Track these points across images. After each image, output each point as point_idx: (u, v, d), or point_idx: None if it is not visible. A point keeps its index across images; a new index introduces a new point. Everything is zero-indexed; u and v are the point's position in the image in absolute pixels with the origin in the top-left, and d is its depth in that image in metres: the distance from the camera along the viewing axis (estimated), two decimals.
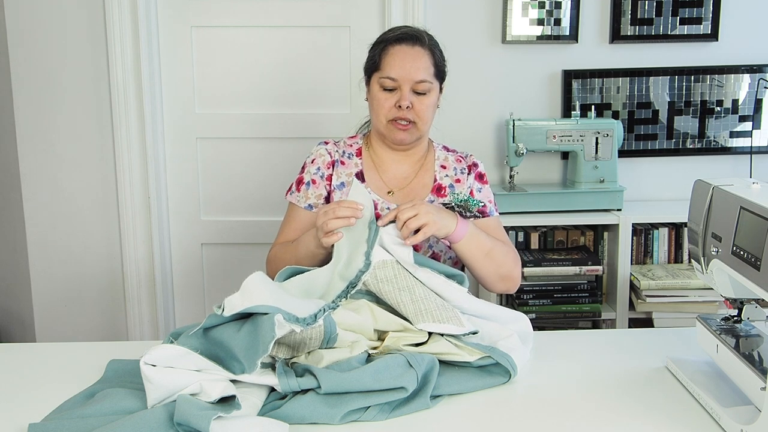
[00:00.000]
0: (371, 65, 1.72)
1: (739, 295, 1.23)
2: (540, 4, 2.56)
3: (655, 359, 1.35)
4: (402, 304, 1.31)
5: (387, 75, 1.66)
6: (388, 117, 1.68)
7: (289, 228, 1.74)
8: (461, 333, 1.28)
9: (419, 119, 1.68)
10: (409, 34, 1.68)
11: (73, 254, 2.67)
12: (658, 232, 2.53)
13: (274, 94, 2.65)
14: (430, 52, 1.69)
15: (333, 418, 1.10)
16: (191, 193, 2.71)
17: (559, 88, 2.64)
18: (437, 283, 1.38)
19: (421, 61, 1.66)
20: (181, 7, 2.58)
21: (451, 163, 1.78)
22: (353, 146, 1.79)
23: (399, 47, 1.67)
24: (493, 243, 1.60)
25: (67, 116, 2.59)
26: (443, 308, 1.32)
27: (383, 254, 1.39)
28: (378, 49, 1.70)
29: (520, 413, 1.16)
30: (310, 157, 1.78)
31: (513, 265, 1.64)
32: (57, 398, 1.19)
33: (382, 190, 1.74)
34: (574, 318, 2.42)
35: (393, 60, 1.66)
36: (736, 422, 1.06)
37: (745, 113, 2.66)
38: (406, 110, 1.66)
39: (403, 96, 1.65)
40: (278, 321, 1.14)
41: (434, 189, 1.74)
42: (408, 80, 1.65)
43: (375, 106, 1.70)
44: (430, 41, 1.71)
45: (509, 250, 1.65)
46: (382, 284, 1.34)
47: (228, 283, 2.70)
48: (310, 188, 1.74)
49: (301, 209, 1.74)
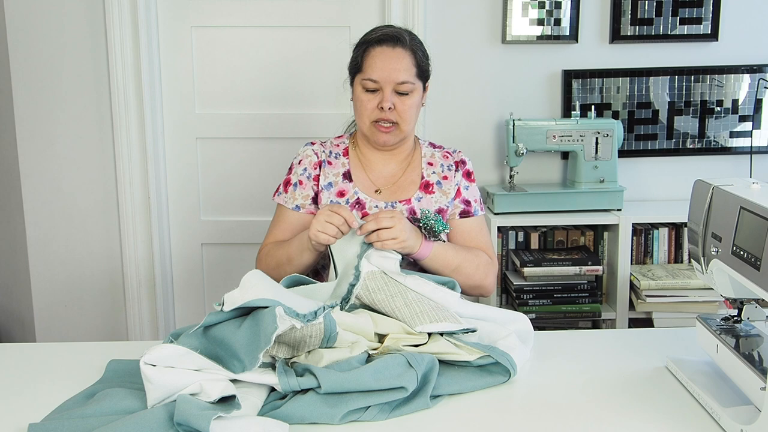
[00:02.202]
0: (354, 66, 1.73)
1: (739, 295, 1.23)
2: (540, 4, 2.56)
3: (655, 359, 1.35)
4: (397, 310, 1.32)
5: (368, 77, 1.66)
6: (371, 118, 1.69)
7: (278, 229, 1.76)
8: (458, 329, 1.29)
9: (402, 120, 1.68)
10: (389, 36, 1.68)
11: (73, 254, 2.67)
12: (658, 232, 2.53)
13: (274, 94, 2.65)
14: (411, 52, 1.68)
15: (333, 418, 1.10)
16: (191, 193, 2.71)
17: (559, 88, 2.64)
18: (428, 289, 1.39)
19: (402, 63, 1.66)
20: (181, 7, 2.58)
21: (438, 160, 1.79)
22: (340, 146, 1.80)
23: (380, 49, 1.67)
24: (461, 258, 1.63)
25: (67, 116, 2.59)
26: (437, 308, 1.33)
27: (371, 267, 1.42)
28: (360, 51, 1.71)
29: (520, 413, 1.16)
30: (297, 158, 1.79)
31: (483, 276, 1.67)
32: (57, 398, 1.19)
33: (370, 189, 1.74)
34: (574, 318, 2.42)
35: (374, 62, 1.66)
36: (736, 422, 1.06)
37: (745, 113, 2.66)
38: (388, 111, 1.66)
39: (385, 98, 1.66)
40: (279, 313, 1.15)
41: (422, 186, 1.75)
42: (389, 82, 1.65)
43: (358, 108, 1.71)
44: (411, 42, 1.70)
45: (480, 262, 1.67)
46: (374, 294, 1.36)
47: (228, 283, 2.70)
48: (297, 189, 1.75)
49: (289, 210, 1.75)
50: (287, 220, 1.75)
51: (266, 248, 1.73)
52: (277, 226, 1.77)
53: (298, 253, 1.62)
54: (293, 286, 1.42)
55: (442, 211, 1.73)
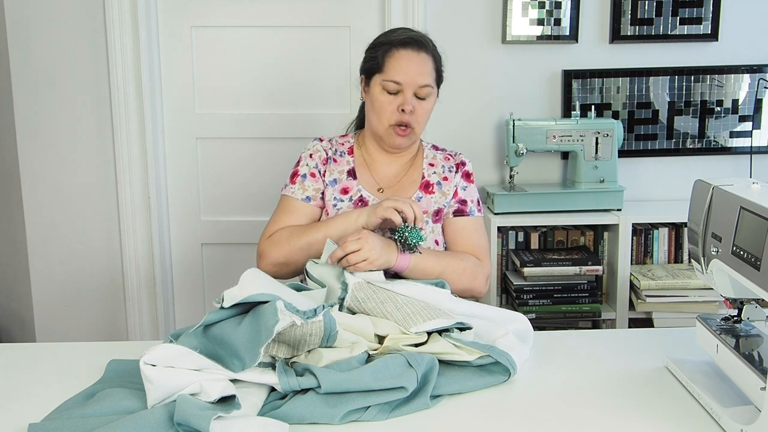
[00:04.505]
0: (373, 66, 1.71)
1: (739, 295, 1.23)
2: (540, 4, 2.56)
3: (655, 359, 1.35)
4: (389, 314, 1.32)
5: (391, 78, 1.66)
6: (390, 121, 1.68)
7: (289, 217, 1.70)
8: (452, 324, 1.29)
9: (417, 124, 1.69)
10: (415, 39, 1.69)
11: (73, 254, 2.67)
12: (658, 232, 2.53)
13: (273, 94, 2.65)
14: (432, 57, 1.70)
15: (333, 417, 1.10)
16: (191, 193, 2.71)
17: (559, 88, 2.64)
18: (417, 291, 1.40)
19: (426, 67, 1.68)
20: (181, 7, 2.58)
21: (439, 161, 1.79)
22: (345, 144, 1.80)
23: (405, 52, 1.67)
24: (444, 265, 1.60)
25: (67, 116, 2.59)
26: (428, 307, 1.33)
27: (356, 279, 1.42)
28: (381, 51, 1.69)
29: (520, 413, 1.15)
30: (308, 151, 1.78)
31: (470, 279, 1.65)
32: (57, 398, 1.19)
33: (373, 188, 1.75)
34: (574, 318, 2.42)
35: (398, 63, 1.66)
36: (736, 422, 1.06)
37: (745, 113, 2.66)
38: (408, 115, 1.66)
39: (407, 100, 1.66)
40: (280, 307, 1.15)
41: (422, 186, 1.75)
42: (413, 85, 1.66)
43: (377, 109, 1.69)
44: (432, 47, 1.72)
45: (465, 266, 1.65)
46: (365, 303, 1.36)
47: (228, 282, 2.66)
48: (307, 180, 1.73)
49: (298, 200, 1.72)
50: (295, 209, 1.71)
51: (282, 231, 1.66)
52: (286, 214, 1.71)
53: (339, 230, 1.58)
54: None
55: (440, 211, 1.73)
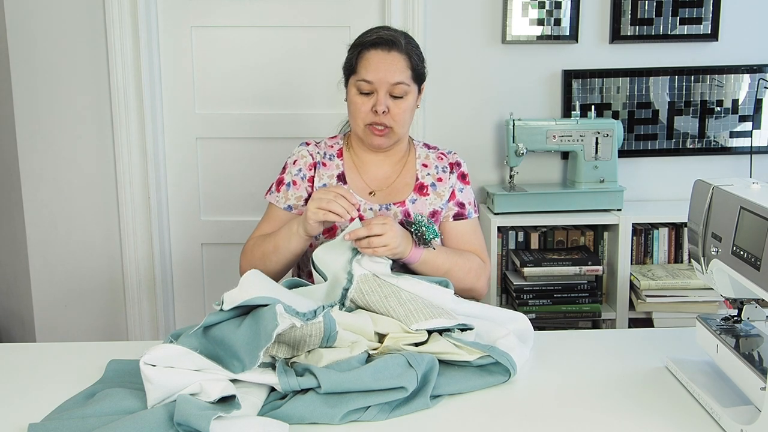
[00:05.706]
0: (348, 68, 1.71)
1: (739, 295, 1.23)
2: (540, 4, 2.56)
3: (655, 359, 1.35)
4: (392, 310, 1.32)
5: (362, 78, 1.65)
6: (365, 121, 1.67)
7: (267, 225, 1.74)
8: (454, 324, 1.29)
9: (396, 124, 1.67)
10: (384, 39, 1.66)
11: (73, 254, 2.67)
12: (658, 232, 2.53)
13: (273, 94, 2.65)
14: (406, 56, 1.66)
15: (333, 418, 1.10)
16: (191, 193, 2.71)
17: (559, 88, 2.64)
18: (421, 288, 1.40)
19: (397, 66, 1.65)
20: (181, 7, 2.58)
21: (433, 161, 1.78)
22: (334, 147, 1.79)
23: (374, 52, 1.65)
24: (452, 263, 1.62)
25: (67, 116, 2.59)
26: (431, 306, 1.33)
27: (363, 270, 1.42)
28: (355, 52, 1.69)
29: (520, 413, 1.15)
30: (292, 158, 1.77)
31: (474, 279, 1.67)
32: (57, 398, 1.19)
33: (364, 191, 1.73)
34: (574, 318, 2.42)
35: (368, 63, 1.65)
36: (736, 422, 1.06)
37: (745, 113, 2.66)
38: (382, 115, 1.65)
39: (379, 101, 1.64)
40: (279, 311, 1.15)
41: (416, 188, 1.74)
42: (384, 84, 1.64)
43: (352, 110, 1.69)
44: (407, 45, 1.68)
45: (471, 266, 1.66)
46: (368, 296, 1.36)
47: (228, 282, 2.67)
48: (290, 189, 1.74)
49: (280, 210, 1.73)
50: (278, 218, 1.74)
51: (252, 240, 1.71)
52: (266, 223, 1.75)
53: (285, 240, 1.59)
54: (291, 288, 1.42)
55: (436, 213, 1.72)
